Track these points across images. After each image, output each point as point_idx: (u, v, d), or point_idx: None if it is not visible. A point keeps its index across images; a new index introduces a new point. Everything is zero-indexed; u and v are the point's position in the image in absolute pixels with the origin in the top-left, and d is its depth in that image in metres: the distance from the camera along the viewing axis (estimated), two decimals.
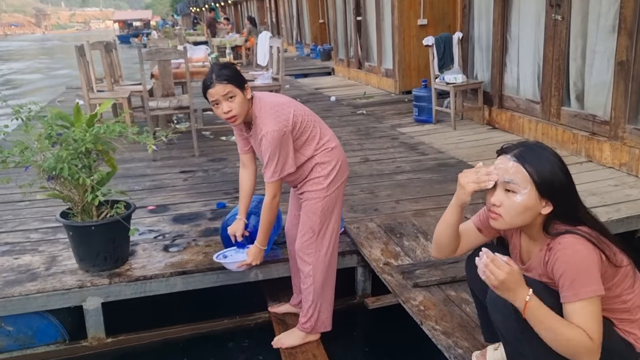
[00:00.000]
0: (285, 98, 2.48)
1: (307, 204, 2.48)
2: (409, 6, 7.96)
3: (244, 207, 2.66)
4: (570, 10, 4.71)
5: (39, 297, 2.65)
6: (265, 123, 2.31)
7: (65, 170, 2.45)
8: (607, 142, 4.38)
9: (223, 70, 2.33)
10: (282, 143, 2.31)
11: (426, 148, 5.21)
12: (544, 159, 1.56)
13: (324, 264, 2.56)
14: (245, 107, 2.35)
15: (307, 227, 2.50)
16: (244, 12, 27.58)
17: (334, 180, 2.47)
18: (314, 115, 2.50)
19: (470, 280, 1.87)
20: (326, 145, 2.45)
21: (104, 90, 5.97)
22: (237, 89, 2.31)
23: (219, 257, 2.66)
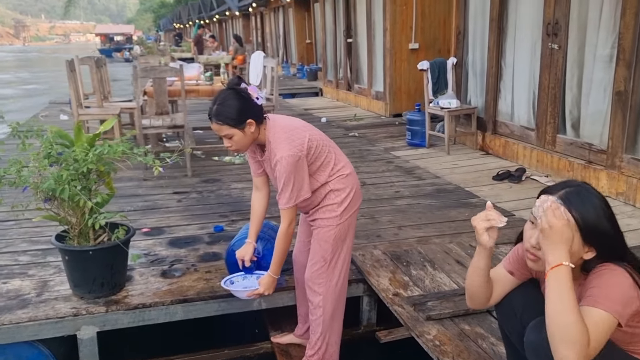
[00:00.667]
0: (300, 122, 2.40)
1: (319, 232, 2.39)
2: (400, 30, 8.00)
3: (255, 230, 2.55)
4: (567, 39, 4.76)
5: (30, 325, 2.49)
6: (280, 148, 2.23)
7: (66, 192, 2.33)
8: (603, 170, 4.40)
9: (220, 108, 2.19)
10: (297, 168, 2.22)
11: (422, 173, 5.18)
12: (589, 203, 1.49)
13: (334, 294, 2.47)
14: (247, 140, 2.27)
15: (319, 255, 2.41)
16: (228, 30, 27.61)
17: (348, 207, 2.39)
18: (329, 141, 2.42)
19: (504, 322, 1.79)
20: (341, 171, 2.38)
21: (92, 107, 5.83)
22: (234, 129, 2.21)
23: (226, 283, 2.54)
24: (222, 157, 5.58)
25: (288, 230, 2.32)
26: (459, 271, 2.94)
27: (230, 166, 5.41)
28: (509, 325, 1.70)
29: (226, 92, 2.24)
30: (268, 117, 2.32)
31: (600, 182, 4.43)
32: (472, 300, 1.76)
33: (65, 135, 2.62)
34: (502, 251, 3.23)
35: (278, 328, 2.96)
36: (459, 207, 4.12)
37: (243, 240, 2.64)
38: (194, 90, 5.30)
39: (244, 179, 4.96)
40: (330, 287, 2.44)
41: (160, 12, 55.62)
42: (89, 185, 2.53)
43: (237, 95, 2.22)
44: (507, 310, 1.71)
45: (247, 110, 2.21)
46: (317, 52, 14.98)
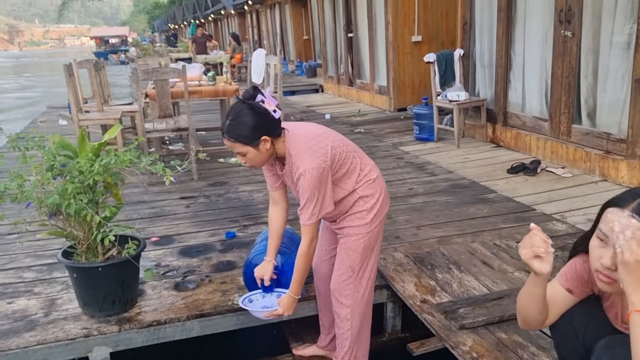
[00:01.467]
0: (320, 128, 2.24)
1: (348, 241, 2.25)
2: (403, 23, 7.84)
3: (274, 248, 2.39)
4: (581, 26, 4.60)
5: (40, 349, 2.35)
6: (302, 161, 2.06)
7: (72, 207, 2.18)
8: (623, 160, 4.25)
9: (233, 124, 2.04)
10: (321, 181, 2.06)
11: (434, 168, 5.03)
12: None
13: (362, 305, 2.33)
14: (262, 157, 2.12)
15: (346, 265, 2.26)
16: (224, 29, 27.41)
17: (377, 213, 2.24)
18: (353, 145, 2.27)
19: (562, 343, 1.63)
20: (368, 176, 2.23)
21: (91, 111, 5.67)
22: (246, 146, 2.06)
23: (245, 301, 2.39)
24: (228, 159, 5.43)
25: (309, 249, 2.17)
26: (487, 273, 2.80)
27: (236, 168, 5.26)
28: (569, 346, 1.55)
29: (240, 106, 2.07)
30: (286, 128, 2.16)
31: (620, 172, 4.29)
32: (527, 324, 1.60)
33: (68, 145, 2.47)
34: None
35: (299, 339, 2.82)
36: (477, 204, 3.97)
37: (262, 254, 2.48)
38: (196, 91, 5.15)
39: (252, 181, 4.81)
40: (358, 298, 2.31)
41: (155, 13, 55.36)
42: (95, 198, 2.38)
43: (251, 111, 2.04)
44: (566, 331, 1.56)
45: (261, 126, 2.04)
46: (315, 48, 14.81)
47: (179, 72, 4.49)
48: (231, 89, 5.35)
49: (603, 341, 1.43)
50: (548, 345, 2.16)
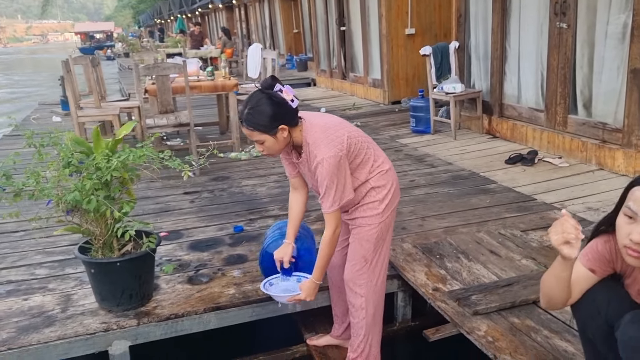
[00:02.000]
0: (336, 118, 2.28)
1: (360, 231, 2.29)
2: (396, 15, 7.88)
3: (293, 231, 2.45)
4: (576, 18, 4.68)
5: (60, 344, 2.37)
6: (320, 149, 2.11)
7: (93, 203, 2.20)
8: (619, 149, 4.34)
9: (252, 113, 2.08)
10: (339, 169, 2.11)
11: (433, 160, 5.10)
12: None
13: (376, 294, 2.38)
14: (280, 145, 2.16)
15: (359, 255, 2.31)
16: (212, 23, 27.25)
17: (389, 204, 2.29)
18: (367, 137, 2.32)
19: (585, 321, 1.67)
20: (380, 167, 2.27)
21: (88, 107, 5.66)
22: (264, 134, 2.10)
23: (266, 285, 2.44)
24: (228, 153, 5.44)
25: (333, 237, 2.21)
26: (494, 261, 2.87)
27: (237, 163, 5.28)
28: (593, 325, 1.61)
29: (259, 95, 2.11)
30: (303, 118, 2.20)
31: (617, 161, 4.38)
32: (551, 304, 1.66)
33: (83, 142, 2.49)
34: (533, 237, 3.17)
35: (312, 330, 2.87)
36: (479, 194, 4.04)
37: (277, 242, 2.53)
38: (196, 87, 5.15)
39: (254, 175, 4.84)
40: (371, 288, 2.35)
41: (140, 8, 54.70)
42: (112, 194, 2.40)
43: (270, 100, 2.08)
44: (589, 309, 1.62)
45: (279, 115, 2.09)
46: (306, 41, 14.80)
47: (180, 67, 4.49)
48: (230, 84, 5.36)
49: (629, 315, 1.49)
50: (559, 329, 2.24)
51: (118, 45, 35.75)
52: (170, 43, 18.82)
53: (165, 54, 7.75)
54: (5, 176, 2.31)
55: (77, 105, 5.08)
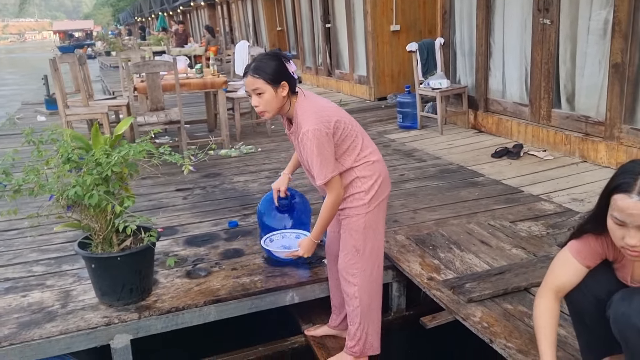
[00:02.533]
0: (332, 104, 2.35)
1: (349, 222, 2.35)
2: (381, 12, 7.96)
3: (292, 166, 2.66)
4: (559, 14, 4.79)
5: (62, 339, 2.39)
6: (306, 121, 2.20)
7: (95, 198, 2.23)
8: (602, 142, 4.47)
9: (262, 62, 2.21)
10: (323, 143, 2.18)
11: (422, 154, 5.18)
12: None
13: (370, 283, 2.43)
14: (275, 104, 2.23)
15: (350, 245, 2.37)
16: (194, 21, 27.07)
17: (376, 195, 2.34)
18: (359, 126, 2.38)
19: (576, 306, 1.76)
20: (367, 158, 2.33)
21: (76, 106, 5.63)
22: (267, 85, 2.20)
23: (266, 241, 2.60)
24: (218, 150, 5.46)
25: (334, 203, 2.28)
26: (486, 251, 2.95)
27: (227, 160, 5.31)
28: (582, 307, 1.69)
29: (268, 53, 2.28)
30: (301, 92, 2.30)
31: (599, 153, 4.51)
32: None
33: (81, 138, 2.51)
34: (522, 228, 3.26)
35: (309, 321, 2.93)
36: (468, 187, 4.13)
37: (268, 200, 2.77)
38: (185, 84, 5.16)
39: (245, 172, 4.88)
40: (365, 277, 2.41)
41: (119, 6, 54.11)
42: (111, 190, 2.43)
43: (277, 58, 2.24)
44: (584, 296, 1.70)
45: (284, 73, 2.22)
46: (289, 39, 14.81)
47: (170, 65, 4.51)
48: (219, 81, 5.38)
49: (619, 294, 1.56)
50: None
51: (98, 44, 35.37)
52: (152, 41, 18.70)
53: (152, 52, 7.72)
54: (5, 173, 2.32)
55: (64, 103, 5.06)
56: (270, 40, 16.11)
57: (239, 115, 6.04)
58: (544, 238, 3.11)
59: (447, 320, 2.56)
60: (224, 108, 5.50)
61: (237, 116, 6.00)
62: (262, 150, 5.65)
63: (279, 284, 2.76)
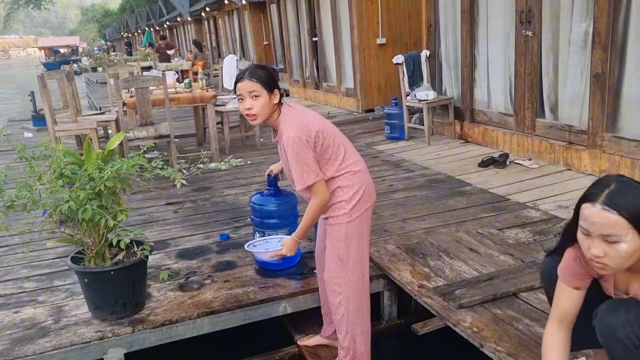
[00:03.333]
0: (316, 115, 2.40)
1: (332, 230, 2.40)
2: (367, 26, 8.07)
3: None
4: (541, 26, 4.91)
5: (56, 354, 2.39)
6: (288, 128, 2.27)
7: (89, 213, 2.25)
8: (585, 150, 4.56)
9: (258, 69, 2.31)
10: (304, 149, 2.23)
11: (410, 165, 5.25)
12: (634, 197, 1.49)
13: (355, 292, 2.45)
14: (267, 109, 2.29)
15: (334, 254, 2.41)
16: (180, 36, 27.15)
17: (357, 205, 2.37)
18: (343, 137, 2.43)
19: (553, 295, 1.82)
20: (349, 168, 2.36)
21: (64, 122, 5.63)
22: (263, 89, 2.27)
23: (250, 246, 2.71)
24: (207, 164, 5.49)
25: (318, 207, 2.33)
26: (474, 258, 3.00)
27: (217, 173, 5.33)
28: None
29: (259, 64, 2.45)
30: (286, 102, 2.39)
31: (583, 161, 4.60)
32: None
33: (73, 153, 2.53)
34: (509, 235, 3.32)
35: (301, 331, 2.95)
36: (456, 196, 4.19)
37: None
38: (174, 99, 5.20)
39: (235, 185, 4.91)
40: (350, 286, 2.43)
41: (105, 22, 54.16)
42: (105, 204, 2.45)
43: (269, 68, 2.38)
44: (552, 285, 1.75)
45: (276, 82, 2.33)
46: (276, 53, 14.92)
47: (159, 79, 4.54)
48: (208, 95, 5.42)
49: (604, 305, 1.61)
50: (539, 317, 2.37)
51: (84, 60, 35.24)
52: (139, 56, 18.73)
53: (140, 67, 7.76)
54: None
55: (53, 119, 5.07)
56: (257, 54, 16.21)
57: (228, 128, 6.08)
58: (531, 245, 3.17)
59: (438, 327, 2.60)
60: (213, 122, 5.54)
61: (226, 130, 6.04)
62: (251, 163, 5.68)
63: (272, 294, 2.79)
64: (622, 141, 4.23)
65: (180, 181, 2.40)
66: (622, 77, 4.23)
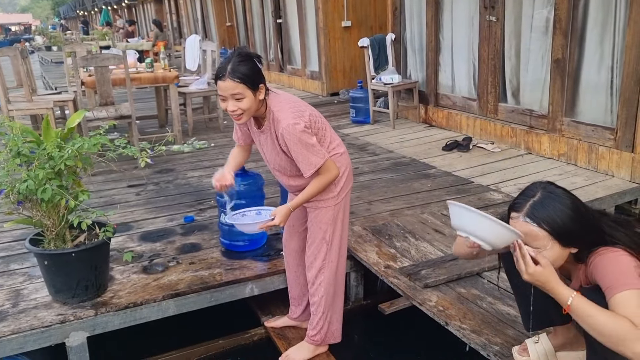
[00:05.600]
0: (299, 99, 2.36)
1: (318, 214, 2.38)
2: (333, 8, 8.02)
3: (232, 166, 2.49)
4: (504, 11, 4.97)
5: (15, 338, 2.32)
6: (285, 115, 2.17)
7: (48, 193, 2.16)
8: (545, 134, 4.68)
9: (241, 65, 2.09)
10: (307, 133, 2.17)
11: (375, 148, 5.27)
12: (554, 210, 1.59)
13: (335, 273, 2.48)
14: (254, 107, 2.16)
15: (319, 238, 2.40)
16: (140, 15, 26.38)
17: (344, 187, 2.39)
18: (324, 120, 2.41)
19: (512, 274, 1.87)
20: (335, 150, 2.37)
21: (18, 101, 5.40)
22: (249, 90, 2.10)
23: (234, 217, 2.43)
24: (170, 146, 5.37)
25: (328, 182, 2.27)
26: (439, 239, 3.05)
27: (180, 155, 5.23)
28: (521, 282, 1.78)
29: (245, 52, 2.15)
30: (271, 91, 2.26)
31: (543, 145, 4.72)
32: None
33: (31, 131, 2.43)
34: None
35: (268, 313, 2.95)
36: (420, 179, 4.24)
37: None
38: (136, 78, 5.05)
39: (199, 167, 4.83)
40: (332, 268, 2.45)
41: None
42: (65, 184, 2.36)
43: (251, 59, 2.15)
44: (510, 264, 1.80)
45: (259, 74, 2.15)
46: (240, 34, 14.67)
47: (119, 58, 4.40)
48: (171, 76, 5.30)
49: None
50: (502, 295, 2.44)
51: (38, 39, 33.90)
52: (97, 35, 18.12)
53: (99, 47, 7.50)
54: None
55: (6, 98, 4.86)
56: (220, 36, 15.91)
57: (190, 110, 5.96)
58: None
59: (404, 306, 2.64)
60: (175, 103, 5.42)
61: (189, 111, 5.92)
62: (215, 146, 5.60)
63: (238, 276, 2.77)
64: (580, 125, 4.35)
65: (144, 160, 2.34)
66: (581, 62, 4.34)
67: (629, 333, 1.43)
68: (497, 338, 2.12)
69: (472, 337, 2.14)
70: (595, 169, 4.23)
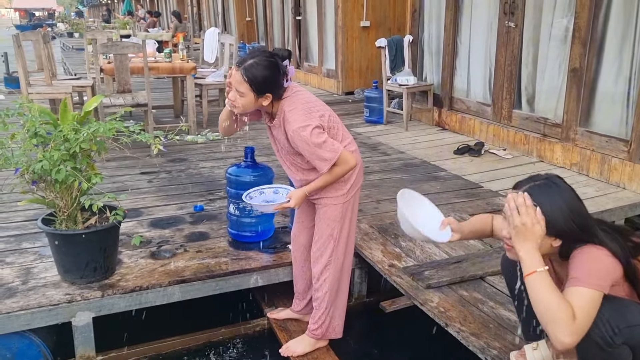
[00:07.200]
0: (315, 97, 2.38)
1: (327, 210, 2.41)
2: (352, 7, 8.03)
3: None
4: (523, 18, 4.96)
5: (23, 315, 2.37)
6: (294, 119, 2.20)
7: (62, 173, 2.21)
8: (558, 143, 4.66)
9: (258, 69, 2.13)
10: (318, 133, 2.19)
11: (386, 148, 5.28)
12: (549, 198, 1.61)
13: (340, 270, 2.50)
14: (252, 108, 2.23)
15: (327, 234, 2.42)
16: (162, 6, 26.56)
17: (354, 184, 2.41)
18: (337, 117, 2.43)
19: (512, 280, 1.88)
20: (347, 148, 2.38)
21: (39, 85, 5.49)
22: (251, 92, 2.16)
23: (247, 198, 2.47)
24: (184, 136, 5.43)
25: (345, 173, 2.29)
26: None
27: (194, 145, 5.29)
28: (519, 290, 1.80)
29: (270, 56, 2.17)
30: (290, 88, 2.26)
31: (555, 154, 4.70)
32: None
33: (49, 113, 2.48)
34: None
35: (272, 304, 2.98)
36: (429, 181, 4.25)
37: None
38: (154, 68, 5.11)
39: (211, 158, 4.88)
40: (338, 265, 2.47)
41: None
42: (79, 166, 2.41)
43: (275, 67, 2.17)
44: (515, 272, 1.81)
45: (272, 84, 2.17)
46: (259, 30, 14.73)
47: (139, 47, 4.46)
48: (188, 67, 5.35)
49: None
50: (503, 300, 2.44)
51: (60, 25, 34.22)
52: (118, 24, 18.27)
53: (119, 35, 7.59)
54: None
55: (27, 81, 4.94)
56: (239, 30, 15.97)
57: (206, 102, 6.01)
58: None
59: (405, 305, 2.66)
60: (191, 94, 5.47)
61: (205, 103, 5.98)
62: (228, 138, 5.63)
63: (244, 266, 2.81)
64: (594, 136, 4.33)
65: (157, 147, 2.38)
66: (598, 73, 4.32)
67: (565, 320, 1.47)
68: (495, 342, 2.13)
69: (471, 340, 2.15)
70: (607, 180, 4.21)
